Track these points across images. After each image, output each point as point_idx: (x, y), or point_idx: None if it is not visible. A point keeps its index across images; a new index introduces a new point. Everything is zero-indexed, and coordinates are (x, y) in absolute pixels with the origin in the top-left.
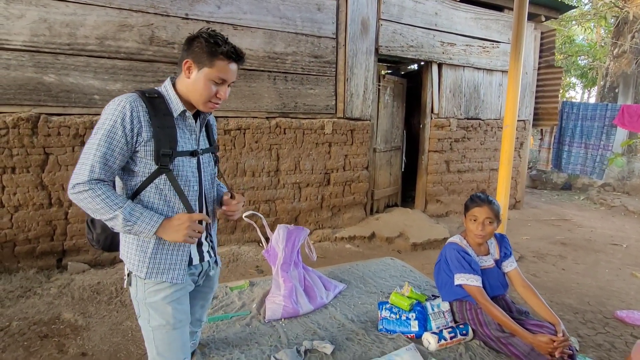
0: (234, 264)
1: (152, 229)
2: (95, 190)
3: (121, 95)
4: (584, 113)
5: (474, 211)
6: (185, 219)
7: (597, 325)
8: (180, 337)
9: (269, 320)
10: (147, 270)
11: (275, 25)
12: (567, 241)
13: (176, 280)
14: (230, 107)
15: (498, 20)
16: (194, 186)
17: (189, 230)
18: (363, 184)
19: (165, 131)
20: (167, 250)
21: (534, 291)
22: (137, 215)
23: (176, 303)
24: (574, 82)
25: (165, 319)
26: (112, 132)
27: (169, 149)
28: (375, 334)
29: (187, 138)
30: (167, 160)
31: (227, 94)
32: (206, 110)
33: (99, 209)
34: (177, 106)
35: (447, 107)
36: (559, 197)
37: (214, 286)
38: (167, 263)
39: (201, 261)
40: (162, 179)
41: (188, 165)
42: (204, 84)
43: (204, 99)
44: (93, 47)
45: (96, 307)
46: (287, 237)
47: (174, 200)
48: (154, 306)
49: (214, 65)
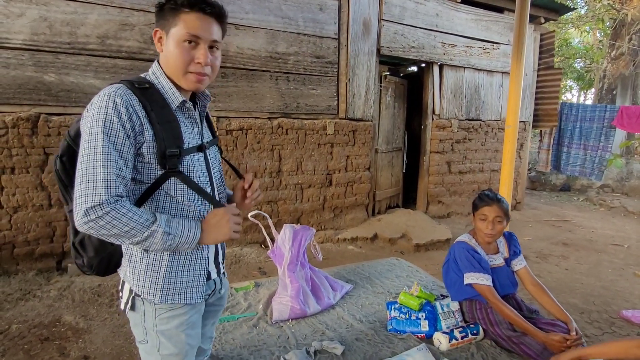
0: (236, 266)
1: (197, 235)
2: (118, 209)
3: (105, 90)
4: (582, 114)
5: (484, 210)
6: (223, 213)
7: (603, 325)
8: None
9: (277, 321)
10: (161, 292)
11: (277, 25)
12: (568, 242)
13: (195, 299)
14: (232, 107)
15: (498, 22)
16: (206, 185)
17: (232, 224)
18: (365, 184)
19: (167, 127)
20: (182, 266)
21: (545, 289)
22: (174, 225)
23: (190, 329)
24: (570, 84)
25: (179, 348)
26: (112, 135)
27: (175, 148)
28: (385, 334)
29: (191, 133)
30: (174, 162)
31: (214, 60)
32: (190, 85)
33: (129, 230)
34: (174, 96)
35: (448, 108)
36: (558, 198)
37: (224, 304)
38: (184, 281)
39: (218, 274)
40: (171, 184)
41: (197, 163)
42: (174, 49)
43: (180, 68)
44: (94, 46)
45: (97, 310)
46: (293, 237)
47: (190, 202)
48: (166, 334)
49: (178, 21)
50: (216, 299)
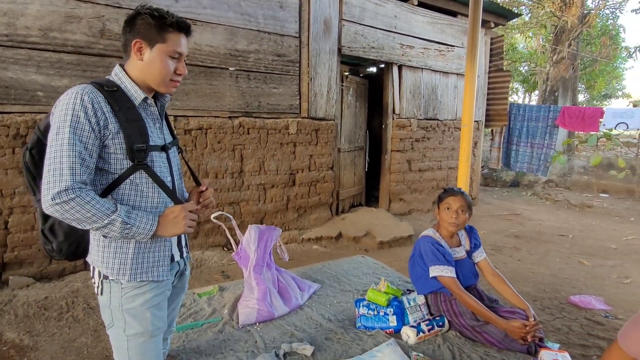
0: (198, 270)
1: (153, 228)
2: (83, 197)
3: (73, 88)
4: (529, 114)
5: (449, 200)
6: (179, 210)
7: (554, 311)
8: (156, 346)
9: (243, 325)
10: (130, 272)
11: (236, 22)
12: (519, 234)
13: (162, 277)
14: (190, 105)
15: (452, 25)
16: (167, 179)
17: (187, 220)
18: (328, 184)
19: (134, 125)
20: (149, 247)
21: (504, 279)
22: (133, 216)
23: (155, 309)
24: (516, 87)
25: (144, 327)
26: (78, 129)
27: (142, 143)
28: (354, 332)
29: (153, 129)
30: (142, 156)
31: (186, 70)
32: (168, 90)
33: (90, 216)
34: (137, 94)
35: (408, 108)
36: (509, 193)
37: (186, 287)
38: (150, 261)
39: (181, 256)
40: (138, 175)
41: (160, 160)
42: (161, 62)
43: (163, 78)
44: (36, 39)
45: (44, 325)
46: (259, 238)
47: (153, 194)
48: (132, 312)
49: (166, 39)
50: (179, 280)
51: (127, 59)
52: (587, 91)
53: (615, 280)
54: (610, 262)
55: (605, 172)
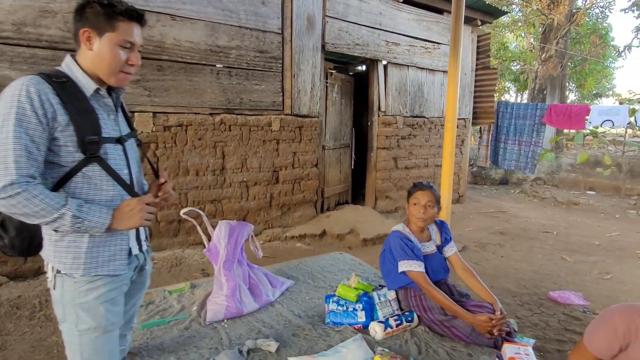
0: (177, 269)
1: (106, 221)
2: (30, 191)
3: (19, 79)
4: (516, 112)
5: (417, 194)
6: (135, 203)
7: (533, 306)
8: (109, 342)
9: (210, 322)
10: (84, 266)
11: (217, 18)
12: (505, 231)
13: (118, 271)
14: (169, 102)
15: (438, 23)
16: (123, 172)
17: (143, 213)
18: (313, 181)
19: (85, 117)
20: (104, 241)
21: (473, 274)
22: (85, 210)
23: (109, 304)
24: (508, 86)
25: (97, 321)
26: (24, 121)
27: (93, 135)
28: (322, 328)
29: (107, 121)
30: (95, 148)
31: (140, 60)
32: (119, 83)
33: (39, 211)
34: (87, 85)
35: (394, 105)
36: (497, 191)
37: (147, 282)
38: (105, 255)
39: (140, 250)
40: (91, 168)
41: (115, 152)
42: (110, 52)
43: (114, 68)
44: (9, 34)
45: (15, 324)
46: (229, 234)
47: (107, 187)
48: (84, 307)
49: (116, 28)
50: (138, 276)
51: (78, 50)
52: (578, 90)
53: (596, 276)
54: (593, 258)
55: (592, 170)
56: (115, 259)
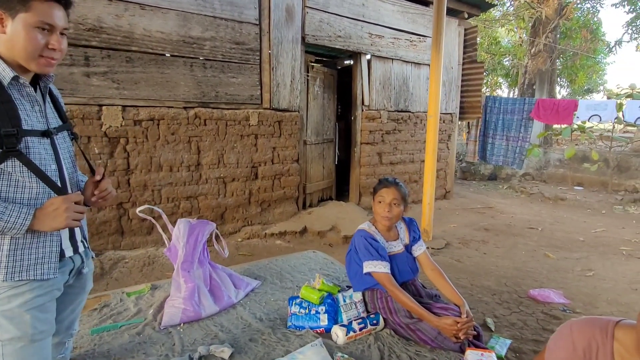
0: (150, 267)
1: (26, 222)
2: None
3: None
4: (504, 107)
5: (382, 192)
6: (60, 202)
7: (512, 305)
8: (38, 352)
9: (165, 327)
10: (5, 271)
11: (189, 7)
12: (489, 227)
13: (47, 275)
14: (140, 95)
15: (424, 15)
16: (51, 167)
17: (70, 212)
18: (294, 177)
19: (1, 107)
20: (29, 243)
21: (441, 273)
22: (1, 210)
23: (37, 311)
24: (500, 81)
25: (22, 330)
26: None
27: (11, 127)
28: (282, 332)
29: (28, 111)
30: (12, 142)
31: (64, 45)
32: (40, 69)
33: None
34: (4, 73)
35: (378, 99)
36: (486, 187)
37: (87, 286)
38: (31, 258)
39: (75, 253)
40: (10, 164)
41: (40, 146)
42: (25, 34)
43: (31, 53)
44: None
45: None
46: (188, 233)
47: (31, 184)
48: (7, 315)
49: (30, 7)
50: (76, 280)
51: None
52: (570, 86)
53: (579, 273)
54: (576, 255)
55: (580, 165)
56: (44, 262)
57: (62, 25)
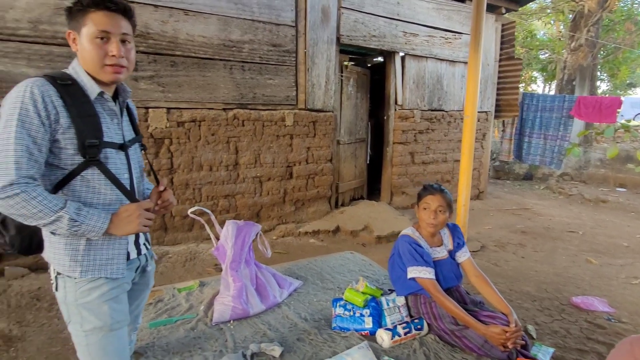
0: (191, 263)
1: (104, 226)
2: (29, 192)
3: (24, 81)
4: (543, 104)
5: (427, 199)
6: (134, 209)
7: (553, 312)
8: (118, 341)
9: (217, 323)
10: (81, 268)
11: (230, 11)
12: (527, 229)
13: (116, 274)
14: (183, 97)
15: (460, 12)
16: (124, 176)
17: (141, 219)
18: (327, 177)
19: (87, 120)
20: (101, 244)
21: (487, 280)
22: (83, 214)
23: (113, 302)
24: (535, 76)
25: (102, 320)
26: (27, 122)
27: (94, 139)
28: (328, 333)
29: (110, 125)
30: (95, 152)
31: (128, 52)
32: (108, 78)
33: (36, 212)
34: (92, 88)
35: (411, 99)
36: (521, 187)
37: (150, 283)
38: (103, 258)
39: (138, 255)
40: (90, 171)
41: (117, 157)
42: (87, 45)
43: (96, 62)
44: (25, 32)
45: (35, 315)
46: (236, 234)
47: (106, 191)
48: (87, 307)
49: (87, 21)
50: (141, 277)
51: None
52: (610, 80)
53: (623, 280)
54: (620, 261)
55: (623, 166)
56: (113, 262)
57: (118, 32)
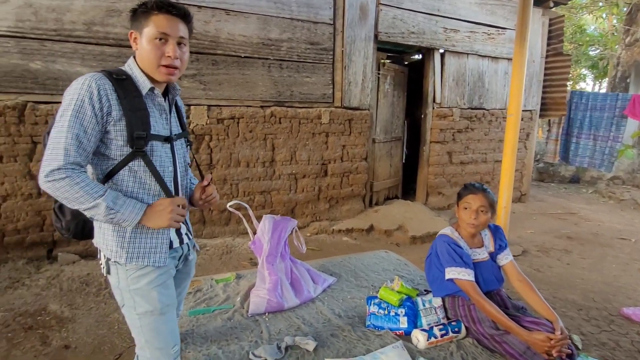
0: (228, 256)
1: (137, 217)
2: (73, 177)
3: (85, 75)
4: (593, 103)
5: (468, 198)
6: (167, 204)
7: (601, 322)
8: (168, 323)
9: (252, 315)
10: (127, 255)
11: (269, 10)
12: (573, 235)
13: (159, 263)
14: (223, 95)
15: (504, 6)
16: (169, 169)
17: (173, 214)
18: (362, 175)
19: (137, 114)
20: (146, 233)
21: (531, 286)
22: (120, 203)
23: (162, 287)
24: (584, 73)
25: (152, 305)
26: (81, 112)
27: (142, 131)
28: (362, 330)
29: (157, 118)
30: (142, 144)
31: (185, 56)
32: (163, 77)
33: (78, 197)
34: (144, 84)
35: (450, 97)
36: (567, 190)
37: (192, 272)
38: (147, 246)
39: (181, 244)
40: (137, 163)
41: (162, 150)
42: (147, 46)
43: (153, 62)
44: (80, 33)
45: (84, 299)
46: (272, 228)
47: (150, 183)
48: (138, 292)
49: (149, 22)
50: (183, 265)
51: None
52: None
53: None
54: None
55: None
56: (156, 250)
57: (176, 35)
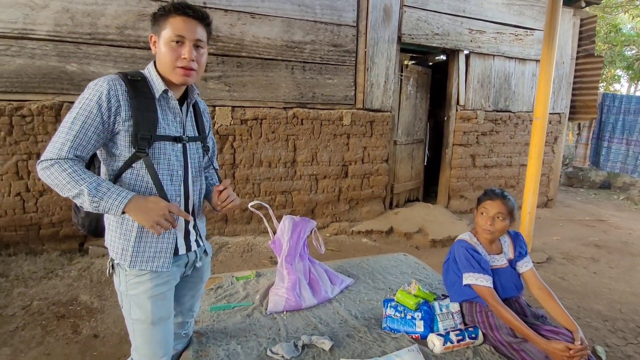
0: (248, 254)
1: (120, 205)
2: (61, 164)
3: (102, 77)
4: (626, 106)
5: (485, 204)
6: (163, 205)
7: (628, 335)
8: (159, 334)
9: (271, 313)
10: (130, 258)
11: (293, 13)
12: (601, 243)
13: (161, 268)
14: (247, 96)
15: (533, 6)
16: (178, 172)
17: (160, 218)
18: (382, 177)
19: (145, 114)
20: (151, 237)
21: (551, 294)
22: (103, 190)
23: (157, 299)
24: (619, 74)
25: (145, 315)
26: (86, 111)
27: (147, 132)
28: (377, 332)
29: (170, 121)
30: (145, 145)
31: (199, 57)
32: (178, 79)
33: (66, 184)
34: (158, 86)
35: (474, 99)
36: (596, 196)
37: (204, 276)
38: (151, 251)
39: (188, 251)
40: (140, 163)
41: (171, 151)
42: (164, 47)
43: (169, 64)
44: (113, 36)
45: (112, 291)
46: (292, 229)
47: (152, 185)
48: (134, 299)
49: (167, 25)
50: (193, 271)
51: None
52: None
53: None
54: None
55: None
56: (160, 256)
57: (192, 37)
